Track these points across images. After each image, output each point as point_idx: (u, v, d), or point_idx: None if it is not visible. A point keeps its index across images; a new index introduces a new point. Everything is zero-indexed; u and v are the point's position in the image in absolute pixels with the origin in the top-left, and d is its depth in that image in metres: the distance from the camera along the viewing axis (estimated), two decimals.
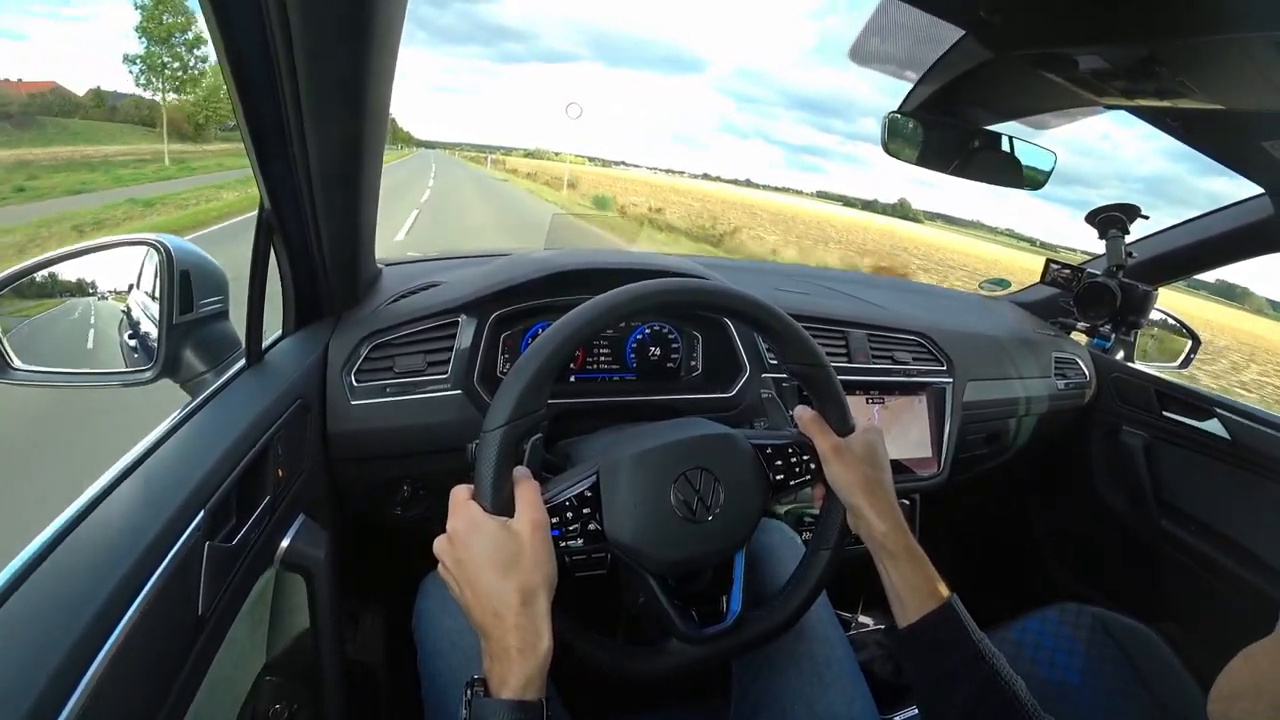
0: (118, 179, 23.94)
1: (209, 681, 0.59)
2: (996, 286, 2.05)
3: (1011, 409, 1.51)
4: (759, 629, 0.75)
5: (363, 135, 0.75)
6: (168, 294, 0.80)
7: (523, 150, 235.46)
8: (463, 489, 0.64)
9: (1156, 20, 0.76)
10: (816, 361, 0.77)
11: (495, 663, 0.58)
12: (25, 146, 36.66)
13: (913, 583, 0.71)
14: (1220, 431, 1.39)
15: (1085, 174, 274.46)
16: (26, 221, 12.53)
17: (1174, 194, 34.57)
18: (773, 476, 0.77)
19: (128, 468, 0.61)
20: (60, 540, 0.51)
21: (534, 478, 0.66)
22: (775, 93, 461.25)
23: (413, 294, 1.11)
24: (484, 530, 0.60)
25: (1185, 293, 46.96)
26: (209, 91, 45.19)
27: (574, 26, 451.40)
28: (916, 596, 0.70)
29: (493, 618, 0.58)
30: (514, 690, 0.56)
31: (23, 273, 0.80)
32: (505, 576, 0.59)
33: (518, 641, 0.57)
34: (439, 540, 0.63)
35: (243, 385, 0.82)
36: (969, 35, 0.95)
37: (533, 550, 0.61)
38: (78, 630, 0.44)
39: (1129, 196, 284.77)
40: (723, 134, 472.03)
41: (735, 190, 77.31)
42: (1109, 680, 1.07)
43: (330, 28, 0.59)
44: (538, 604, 0.59)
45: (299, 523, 0.82)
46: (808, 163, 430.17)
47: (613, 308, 0.68)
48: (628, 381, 1.18)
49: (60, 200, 17.04)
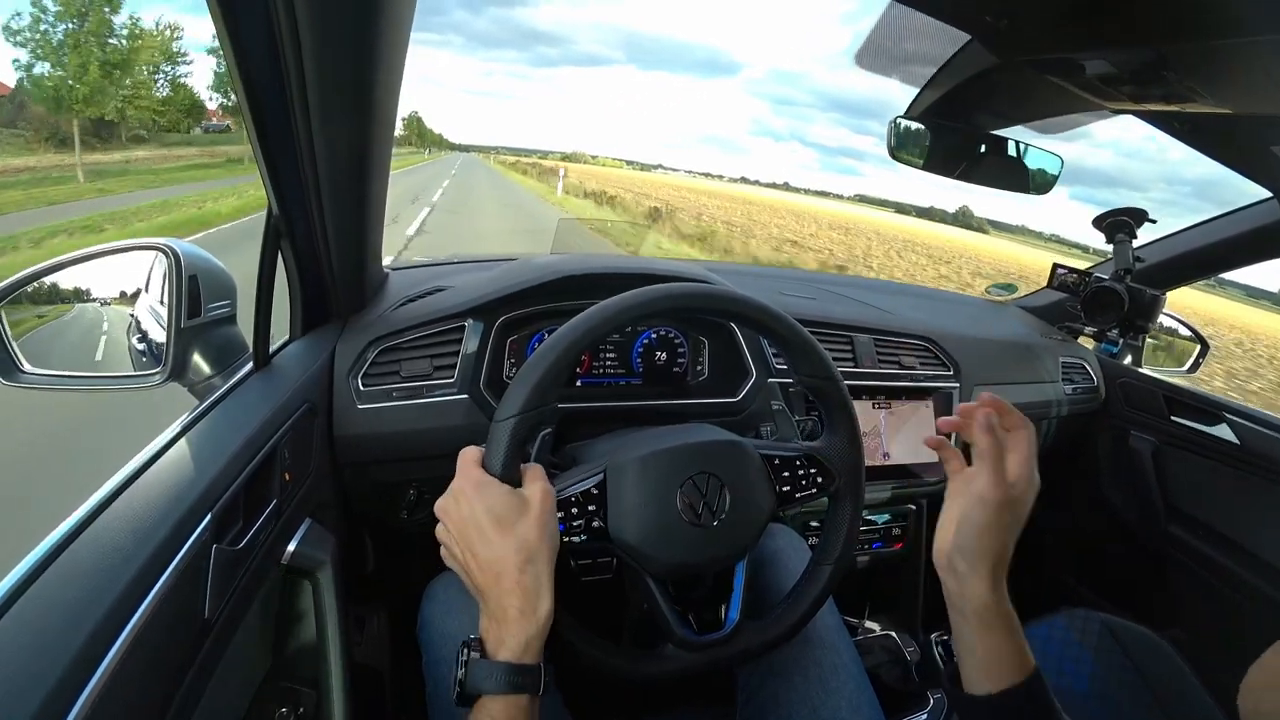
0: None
1: (215, 684, 0.59)
2: (1004, 291, 2.04)
3: None
4: (755, 640, 0.75)
5: (370, 141, 0.76)
6: (176, 298, 0.81)
7: (559, 153, 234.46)
8: (472, 449, 0.64)
9: (1165, 24, 0.76)
10: (828, 374, 0.77)
11: (493, 623, 0.57)
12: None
13: (1002, 653, 0.61)
14: (1229, 436, 1.38)
15: (1131, 177, 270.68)
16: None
17: (1224, 197, 33.39)
18: (779, 487, 0.76)
19: (136, 471, 0.62)
20: (68, 543, 0.51)
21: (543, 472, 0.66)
22: (810, 95, 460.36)
23: (419, 299, 1.12)
24: (488, 489, 0.60)
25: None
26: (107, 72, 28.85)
27: (608, 30, 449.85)
28: (1002, 666, 0.61)
29: (492, 578, 0.58)
30: (512, 652, 0.56)
31: (32, 277, 0.81)
32: (507, 535, 0.58)
33: (518, 602, 0.57)
34: (441, 500, 0.63)
35: (250, 389, 0.83)
36: (975, 40, 0.95)
37: (538, 513, 0.60)
38: (85, 632, 0.44)
39: (1177, 200, 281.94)
40: (759, 137, 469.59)
41: (779, 195, 72.89)
42: (1117, 687, 1.06)
43: (338, 34, 0.60)
44: (538, 565, 0.59)
45: (305, 526, 0.82)
46: (843, 165, 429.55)
47: (627, 309, 0.69)
48: (634, 386, 1.19)
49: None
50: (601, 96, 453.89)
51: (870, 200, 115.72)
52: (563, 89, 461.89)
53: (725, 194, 42.98)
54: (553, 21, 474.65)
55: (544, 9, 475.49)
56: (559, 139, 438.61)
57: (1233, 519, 1.40)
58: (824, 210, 53.23)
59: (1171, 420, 1.50)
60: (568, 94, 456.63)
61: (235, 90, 0.66)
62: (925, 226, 63.85)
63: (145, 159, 35.72)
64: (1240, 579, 1.34)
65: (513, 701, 0.55)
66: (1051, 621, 1.17)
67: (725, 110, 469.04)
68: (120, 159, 34.15)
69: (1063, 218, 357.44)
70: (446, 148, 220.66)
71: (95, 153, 34.56)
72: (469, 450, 0.64)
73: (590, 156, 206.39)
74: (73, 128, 29.92)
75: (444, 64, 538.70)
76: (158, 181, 23.82)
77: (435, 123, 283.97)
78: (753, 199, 56.72)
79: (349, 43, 0.61)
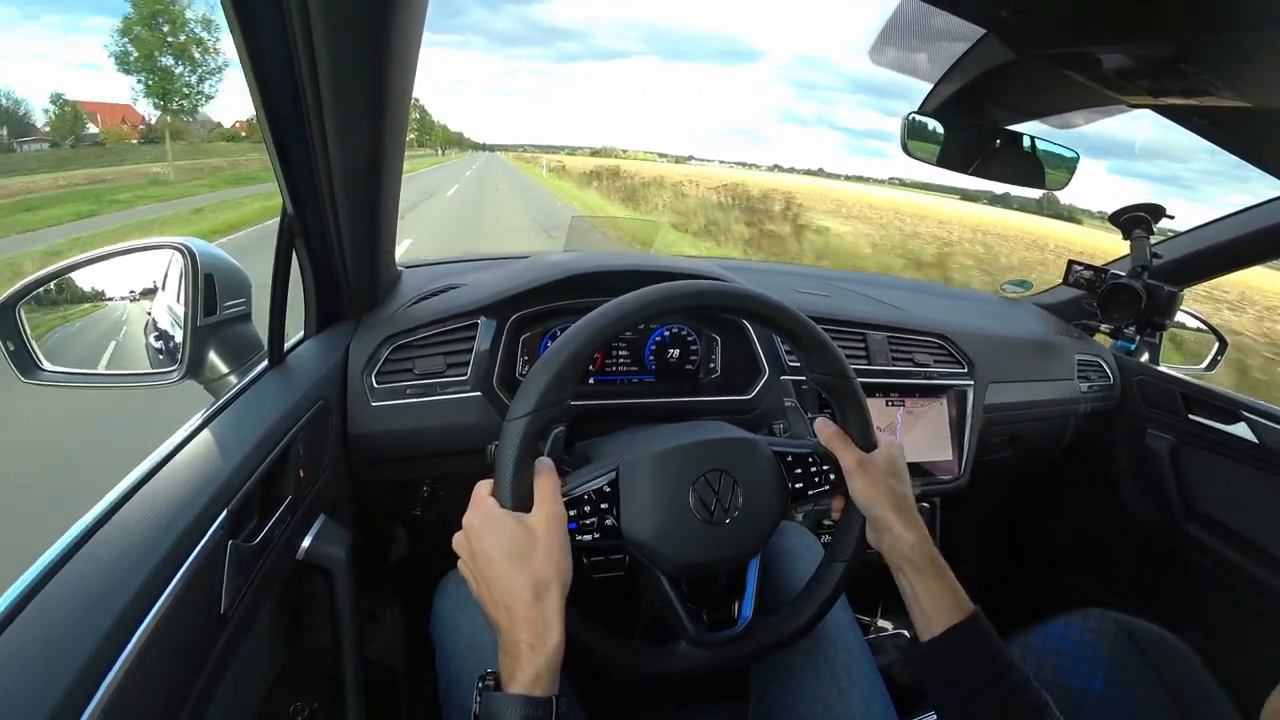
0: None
1: (230, 679, 0.59)
2: (1018, 287, 2.02)
3: (1033, 412, 1.49)
4: (768, 638, 0.74)
5: (383, 140, 0.76)
6: (192, 296, 0.81)
7: (589, 149, 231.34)
8: (486, 484, 0.65)
9: (1183, 18, 0.75)
10: (841, 372, 0.77)
11: (506, 656, 0.58)
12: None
13: (936, 595, 0.70)
14: (1248, 435, 1.36)
15: (1171, 147, 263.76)
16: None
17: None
18: (792, 485, 0.76)
19: (153, 467, 0.62)
20: (86, 539, 0.52)
21: (556, 469, 0.66)
22: (836, 78, 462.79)
23: (432, 296, 1.12)
24: (498, 524, 0.61)
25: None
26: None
27: (627, 23, 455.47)
28: (940, 609, 0.69)
29: (504, 611, 0.59)
30: (522, 685, 0.57)
31: (49, 277, 0.82)
32: (517, 569, 0.59)
33: (527, 636, 0.58)
34: (458, 535, 0.64)
35: (265, 386, 0.83)
36: (990, 34, 0.94)
37: (546, 544, 0.61)
38: (103, 627, 0.44)
39: (1220, 170, 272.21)
40: (785, 124, 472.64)
41: (819, 182, 66.68)
42: (1133, 688, 1.05)
43: (351, 34, 0.60)
44: (549, 598, 0.59)
45: (320, 522, 0.82)
46: (872, 148, 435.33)
47: (641, 306, 0.68)
48: (646, 383, 1.19)
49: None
50: (625, 90, 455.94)
51: (907, 184, 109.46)
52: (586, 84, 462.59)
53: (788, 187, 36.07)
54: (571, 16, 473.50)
55: (562, 4, 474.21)
56: (587, 135, 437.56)
57: (1251, 519, 1.38)
58: (903, 201, 44.75)
59: (1189, 419, 1.48)
60: (592, 89, 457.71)
61: (250, 90, 0.66)
62: (1003, 215, 56.12)
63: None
64: (1259, 581, 1.33)
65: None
66: (1066, 621, 1.16)
67: (749, 98, 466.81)
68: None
69: (1104, 193, 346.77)
70: (469, 147, 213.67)
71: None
72: (482, 484, 0.66)
73: (621, 151, 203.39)
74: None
75: (467, 65, 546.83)
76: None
77: (459, 124, 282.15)
78: (833, 192, 48.44)
79: (362, 45, 0.62)
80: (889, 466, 0.76)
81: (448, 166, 45.55)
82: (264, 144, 0.73)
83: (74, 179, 25.26)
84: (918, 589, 0.71)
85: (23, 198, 20.07)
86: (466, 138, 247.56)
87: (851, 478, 0.75)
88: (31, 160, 36.03)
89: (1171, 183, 39.62)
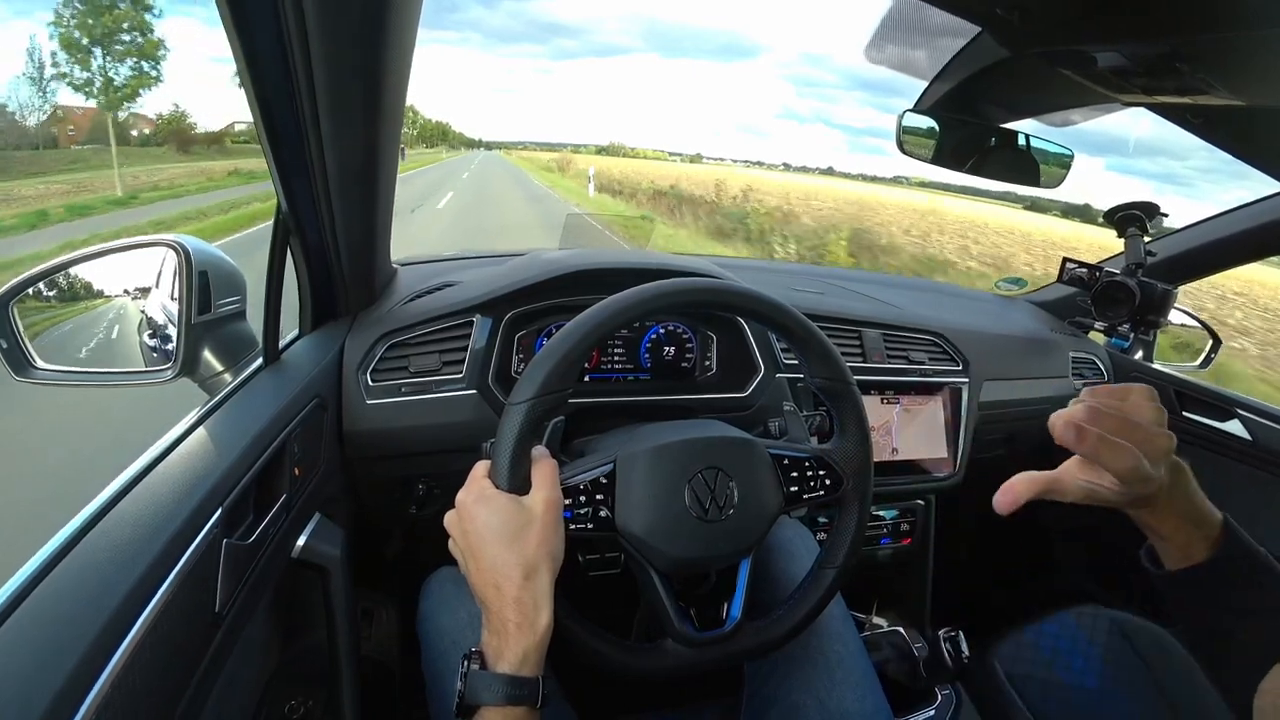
0: None
1: (226, 677, 0.59)
2: (1013, 285, 2.03)
3: (1028, 410, 1.49)
4: (754, 640, 0.75)
5: (378, 137, 0.76)
6: (186, 294, 0.81)
7: (594, 146, 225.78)
8: (484, 464, 0.66)
9: (1178, 17, 0.75)
10: (841, 378, 0.77)
11: (493, 636, 0.58)
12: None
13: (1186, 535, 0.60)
14: (1241, 432, 1.37)
15: (1169, 144, 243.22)
16: None
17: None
18: (787, 488, 0.76)
19: (147, 465, 0.62)
20: (81, 537, 0.52)
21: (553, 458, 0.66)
22: (835, 75, 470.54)
23: (428, 294, 1.12)
24: (492, 502, 0.61)
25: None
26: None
27: (626, 18, 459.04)
28: (1191, 546, 0.60)
29: (493, 590, 0.59)
30: (510, 665, 0.57)
31: (44, 274, 0.82)
32: (508, 548, 0.59)
33: (516, 616, 0.58)
34: (449, 513, 0.64)
35: (260, 384, 0.83)
36: (985, 32, 0.94)
37: (541, 525, 0.61)
38: (98, 625, 0.44)
39: (1217, 167, 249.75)
40: (784, 120, 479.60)
41: (830, 183, 63.39)
42: (1126, 684, 1.06)
43: (346, 32, 0.60)
44: (539, 579, 0.60)
45: (315, 521, 0.82)
46: (871, 145, 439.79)
47: (643, 301, 0.69)
48: (642, 381, 1.19)
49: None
50: (627, 86, 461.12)
51: (911, 182, 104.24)
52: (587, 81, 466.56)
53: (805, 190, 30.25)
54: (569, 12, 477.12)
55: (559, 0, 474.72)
56: (592, 132, 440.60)
57: (1244, 516, 1.37)
58: (950, 209, 37.95)
59: (1183, 416, 1.48)
60: (592, 86, 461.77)
61: (245, 88, 0.66)
62: (1034, 219, 49.64)
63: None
64: None
65: (511, 713, 0.56)
66: (1060, 618, 1.16)
67: (749, 95, 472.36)
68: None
69: (1096, 190, 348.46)
70: (464, 144, 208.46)
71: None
72: (480, 464, 0.66)
73: (629, 149, 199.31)
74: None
75: (465, 63, 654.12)
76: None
77: (461, 123, 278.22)
78: (867, 199, 42.27)
79: (356, 43, 0.62)
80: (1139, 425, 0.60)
81: (428, 171, 39.05)
82: (258, 141, 0.73)
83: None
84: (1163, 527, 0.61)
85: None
86: (463, 134, 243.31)
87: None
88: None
89: (1169, 179, 38.17)
